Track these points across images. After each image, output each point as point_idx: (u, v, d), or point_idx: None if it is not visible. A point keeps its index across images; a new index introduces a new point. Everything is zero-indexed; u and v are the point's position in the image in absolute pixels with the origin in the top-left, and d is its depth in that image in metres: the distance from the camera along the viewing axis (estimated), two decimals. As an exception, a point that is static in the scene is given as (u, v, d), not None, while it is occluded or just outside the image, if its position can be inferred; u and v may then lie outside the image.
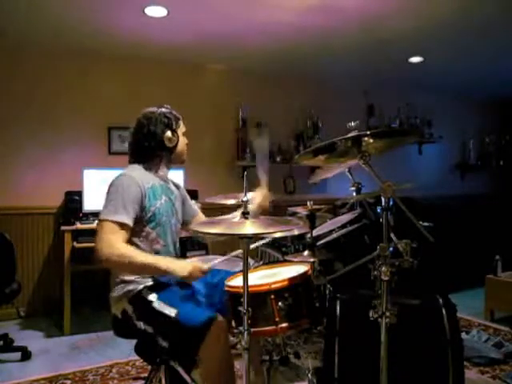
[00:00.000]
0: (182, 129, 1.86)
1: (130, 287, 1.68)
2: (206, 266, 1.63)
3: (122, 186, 1.65)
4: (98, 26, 3.39)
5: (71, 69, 3.90)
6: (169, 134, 1.77)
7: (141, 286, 1.68)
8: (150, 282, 1.70)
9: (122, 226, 1.61)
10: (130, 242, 1.68)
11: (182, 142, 1.86)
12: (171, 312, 1.58)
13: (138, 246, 1.70)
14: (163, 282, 1.72)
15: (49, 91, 3.83)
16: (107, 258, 1.56)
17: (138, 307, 1.65)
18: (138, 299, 1.66)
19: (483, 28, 3.59)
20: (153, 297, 1.64)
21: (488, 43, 3.96)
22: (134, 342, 1.77)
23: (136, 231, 1.69)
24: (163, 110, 1.83)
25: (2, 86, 3.69)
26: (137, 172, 1.75)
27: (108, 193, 1.67)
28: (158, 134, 1.77)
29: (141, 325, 1.63)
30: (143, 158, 1.80)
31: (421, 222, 1.36)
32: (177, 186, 1.99)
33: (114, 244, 1.57)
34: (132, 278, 1.70)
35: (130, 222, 1.63)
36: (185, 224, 1.98)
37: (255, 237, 1.34)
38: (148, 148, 1.78)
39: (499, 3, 3.11)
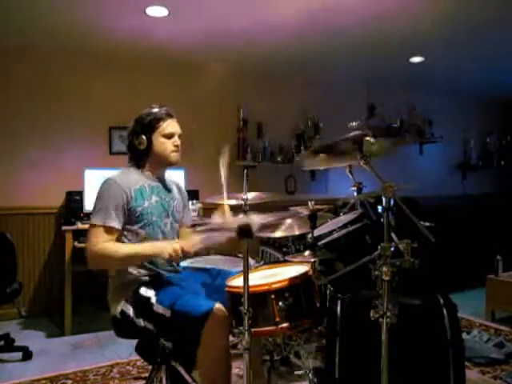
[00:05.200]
0: (163, 131, 1.80)
1: (127, 287, 1.70)
2: (192, 249, 1.64)
3: (106, 191, 1.70)
4: (99, 26, 3.39)
5: (72, 69, 3.90)
6: (136, 136, 1.79)
7: (137, 284, 1.70)
8: (146, 278, 1.72)
9: (109, 229, 1.66)
10: (119, 241, 1.71)
11: (160, 144, 1.80)
12: (166, 312, 1.59)
13: (133, 240, 1.72)
14: (159, 277, 1.74)
15: (50, 91, 3.83)
16: (93, 261, 1.64)
17: (137, 305, 1.66)
18: (136, 297, 1.67)
19: (484, 28, 3.58)
20: (151, 293, 1.66)
21: (489, 43, 3.95)
22: (134, 341, 1.78)
23: (126, 230, 1.72)
24: (147, 110, 1.83)
25: (3, 87, 3.70)
26: (124, 175, 1.78)
27: (96, 198, 1.72)
28: (129, 137, 1.82)
29: (140, 322, 1.64)
30: (133, 159, 1.85)
31: (422, 222, 1.36)
32: (179, 189, 2.00)
33: (98, 246, 1.63)
34: (128, 277, 1.71)
35: (117, 225, 1.67)
36: None
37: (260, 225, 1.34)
38: (130, 150, 1.84)
39: (500, 3, 3.10)
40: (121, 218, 1.68)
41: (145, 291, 1.67)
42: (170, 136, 1.82)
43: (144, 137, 1.78)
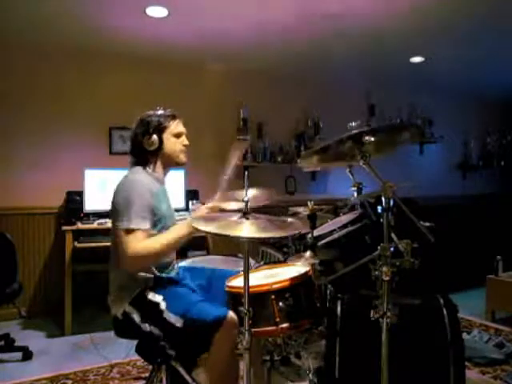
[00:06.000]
0: (172, 130, 1.81)
1: (130, 289, 1.68)
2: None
3: (136, 192, 1.65)
4: (99, 26, 3.39)
5: (72, 69, 3.91)
6: (147, 137, 1.76)
7: (141, 287, 1.68)
8: (150, 282, 1.70)
9: (146, 232, 1.63)
10: None
11: (172, 143, 1.80)
12: (178, 322, 1.59)
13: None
14: (164, 280, 1.73)
15: (49, 91, 3.84)
16: (136, 262, 1.60)
17: (143, 309, 1.65)
18: (142, 301, 1.66)
19: (484, 28, 3.59)
20: (159, 298, 1.65)
21: (489, 43, 3.96)
22: (135, 342, 1.77)
23: None
24: (152, 112, 1.82)
25: (3, 86, 3.70)
26: (143, 176, 1.75)
27: (123, 199, 1.65)
28: (139, 137, 1.77)
29: (146, 327, 1.63)
30: (140, 160, 1.80)
31: (422, 222, 1.36)
32: None
33: (138, 249, 1.59)
34: (130, 279, 1.69)
35: (150, 226, 1.66)
36: None
37: (250, 240, 1.33)
38: (137, 151, 1.80)
39: (500, 3, 3.10)
40: (151, 219, 1.67)
41: (153, 296, 1.65)
42: (179, 135, 1.83)
43: (155, 136, 1.76)
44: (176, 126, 1.82)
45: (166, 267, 1.80)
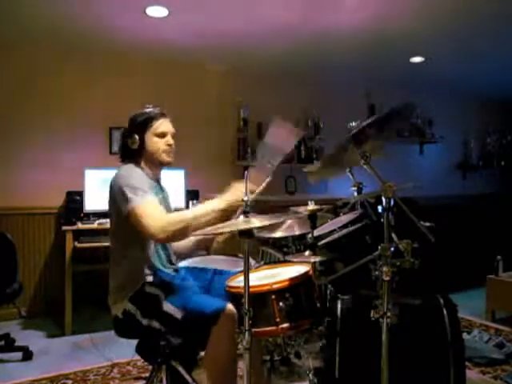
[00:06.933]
0: (155, 130, 1.78)
1: (129, 287, 1.69)
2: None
3: (134, 176, 1.68)
4: (99, 26, 3.39)
5: (72, 68, 3.91)
6: (130, 136, 1.77)
7: (140, 284, 1.69)
8: (150, 278, 1.71)
9: (157, 203, 1.64)
10: (127, 235, 1.67)
11: (153, 143, 1.78)
12: (177, 313, 1.59)
13: (133, 239, 1.69)
14: (163, 277, 1.73)
15: (50, 91, 3.84)
16: (165, 232, 1.55)
17: (142, 304, 1.66)
18: (141, 296, 1.67)
19: (484, 28, 3.59)
20: (158, 292, 1.66)
21: (489, 43, 3.96)
22: (135, 342, 1.77)
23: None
24: (140, 111, 1.82)
25: (3, 86, 3.70)
26: (136, 169, 1.77)
27: (124, 185, 1.64)
28: (123, 136, 1.81)
29: (145, 321, 1.64)
30: (127, 159, 1.82)
31: (422, 222, 1.36)
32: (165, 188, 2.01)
33: (162, 217, 1.58)
34: (129, 278, 1.70)
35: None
36: None
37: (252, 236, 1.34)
38: (123, 150, 1.82)
39: (500, 3, 3.11)
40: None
41: (151, 289, 1.67)
42: (162, 135, 1.80)
43: (136, 136, 1.76)
44: (159, 126, 1.79)
45: (166, 264, 1.81)
